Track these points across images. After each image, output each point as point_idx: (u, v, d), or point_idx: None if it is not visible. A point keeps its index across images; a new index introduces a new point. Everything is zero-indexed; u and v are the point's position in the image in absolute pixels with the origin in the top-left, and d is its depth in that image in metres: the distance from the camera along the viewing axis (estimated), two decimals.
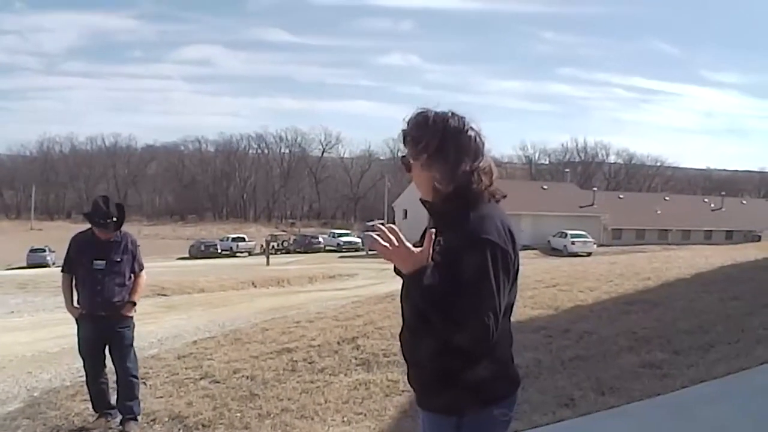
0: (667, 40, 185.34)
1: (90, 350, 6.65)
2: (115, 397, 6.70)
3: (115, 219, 6.56)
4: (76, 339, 6.73)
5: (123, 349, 6.59)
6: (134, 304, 6.63)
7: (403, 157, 2.79)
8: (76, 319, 6.63)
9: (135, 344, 6.88)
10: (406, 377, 2.93)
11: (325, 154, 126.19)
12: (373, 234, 2.52)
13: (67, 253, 6.78)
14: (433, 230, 2.58)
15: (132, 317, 6.68)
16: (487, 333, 2.45)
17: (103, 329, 6.50)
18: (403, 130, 2.76)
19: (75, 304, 6.62)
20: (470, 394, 2.64)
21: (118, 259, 6.55)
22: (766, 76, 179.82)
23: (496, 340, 2.54)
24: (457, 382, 2.63)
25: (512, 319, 2.76)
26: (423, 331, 2.60)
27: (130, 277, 6.64)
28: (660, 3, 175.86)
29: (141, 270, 6.78)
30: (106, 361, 6.69)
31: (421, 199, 2.80)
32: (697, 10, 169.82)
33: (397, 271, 2.61)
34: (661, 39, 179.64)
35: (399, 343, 2.90)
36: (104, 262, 6.48)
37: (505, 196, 2.74)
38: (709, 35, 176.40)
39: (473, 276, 2.46)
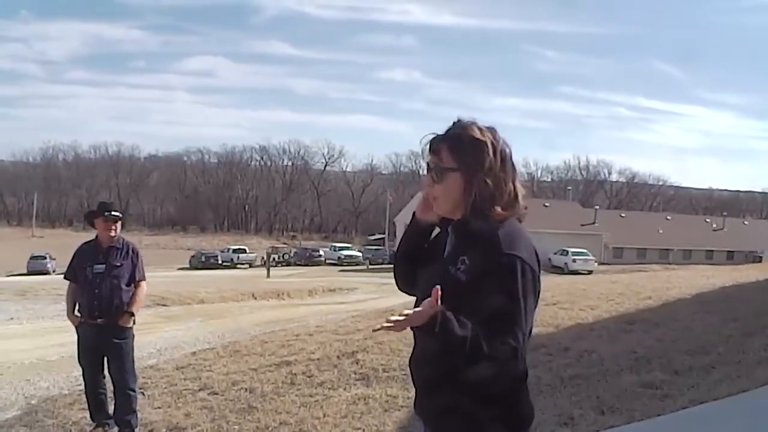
0: (668, 60, 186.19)
1: (89, 360, 6.65)
2: (113, 408, 6.68)
3: (119, 213, 6.65)
4: (75, 347, 6.73)
5: (121, 362, 6.57)
6: (132, 314, 6.60)
7: (439, 166, 2.57)
8: (76, 328, 6.63)
9: (134, 354, 6.88)
10: (413, 405, 2.80)
11: (327, 168, 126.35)
12: (386, 326, 2.30)
13: (71, 261, 6.81)
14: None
15: (131, 329, 6.65)
16: (515, 355, 2.35)
17: (102, 340, 6.49)
18: (449, 138, 2.57)
19: (76, 312, 6.63)
20: (482, 425, 2.50)
21: (118, 264, 6.56)
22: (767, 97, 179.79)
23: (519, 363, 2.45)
24: (469, 412, 2.48)
25: None
26: (436, 359, 2.45)
27: (130, 284, 6.62)
28: (660, 23, 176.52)
29: (141, 280, 6.77)
30: (105, 372, 6.68)
31: (443, 218, 2.64)
32: (698, 30, 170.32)
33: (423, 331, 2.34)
34: (661, 59, 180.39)
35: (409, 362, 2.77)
36: (104, 266, 6.51)
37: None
38: (710, 56, 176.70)
39: (502, 297, 2.34)
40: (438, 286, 2.26)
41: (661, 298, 12.94)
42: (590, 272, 49.60)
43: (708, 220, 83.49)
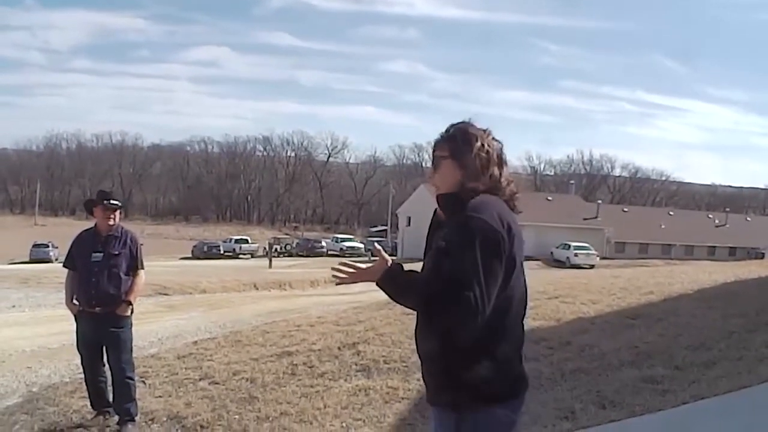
0: (670, 55, 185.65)
1: (87, 349, 6.65)
2: (112, 396, 6.69)
3: (119, 202, 6.66)
4: (75, 336, 6.74)
5: (119, 351, 6.55)
6: (130, 303, 6.58)
7: (436, 157, 3.02)
8: (75, 316, 6.64)
9: (135, 343, 6.90)
10: (421, 376, 3.07)
11: (330, 159, 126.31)
12: (336, 274, 2.89)
13: (70, 249, 6.81)
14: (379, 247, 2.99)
15: (129, 317, 6.63)
16: (472, 306, 2.58)
17: (100, 329, 6.48)
18: (445, 135, 3.02)
19: (74, 301, 6.63)
20: (469, 393, 2.76)
21: (116, 252, 6.54)
22: None
23: (498, 339, 2.76)
24: (458, 380, 2.77)
25: None
26: (427, 328, 2.85)
27: (128, 273, 6.60)
28: (663, 18, 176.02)
29: (140, 269, 6.76)
30: (105, 360, 6.68)
31: (439, 194, 3.02)
32: (701, 26, 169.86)
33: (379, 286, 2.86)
34: (664, 54, 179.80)
35: (414, 342, 3.08)
36: (101, 254, 6.50)
37: (520, 212, 3.02)
38: (713, 51, 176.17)
39: (458, 249, 2.67)
40: (377, 245, 2.89)
41: (663, 293, 12.92)
42: (592, 266, 49.56)
43: (710, 216, 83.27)
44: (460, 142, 2.95)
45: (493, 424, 2.79)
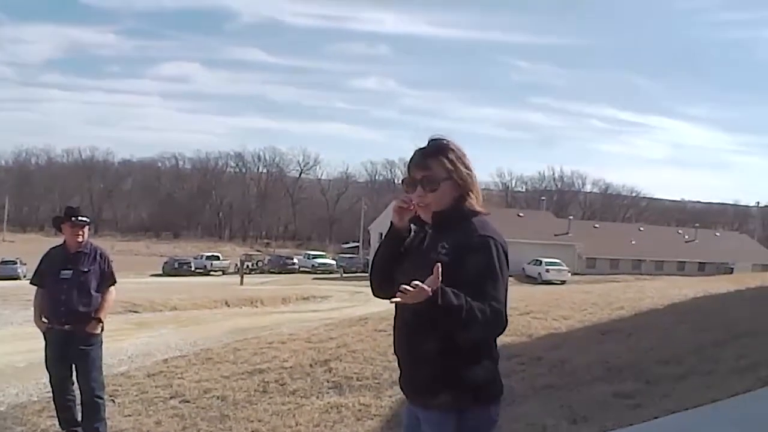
0: (640, 72, 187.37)
1: (56, 367, 6.54)
2: (81, 415, 6.58)
3: (87, 218, 6.58)
4: (44, 354, 6.63)
5: (88, 369, 6.45)
6: (100, 321, 6.49)
7: (433, 178, 2.99)
8: (44, 334, 6.54)
9: (104, 361, 6.80)
10: (402, 383, 3.10)
11: (302, 176, 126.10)
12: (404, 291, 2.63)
13: (38, 266, 6.74)
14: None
15: (99, 335, 6.54)
16: (503, 319, 2.78)
17: (69, 347, 6.39)
18: (436, 152, 3.02)
19: (43, 319, 6.54)
20: (471, 393, 2.86)
21: (86, 270, 6.47)
22: (739, 111, 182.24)
23: (494, 341, 2.95)
24: (459, 381, 2.84)
25: None
26: (427, 330, 2.81)
27: (98, 290, 6.52)
28: (633, 36, 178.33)
29: (111, 285, 6.68)
30: (74, 378, 6.58)
31: (418, 220, 3.05)
32: (671, 43, 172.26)
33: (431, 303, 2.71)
34: (634, 71, 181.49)
35: (393, 345, 3.10)
36: (71, 272, 6.43)
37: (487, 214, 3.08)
38: (683, 69, 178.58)
39: (482, 269, 2.80)
40: (439, 264, 2.63)
41: (634, 308, 13.01)
42: (563, 282, 49.85)
43: (680, 231, 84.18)
44: (455, 160, 3.01)
45: (489, 423, 2.94)
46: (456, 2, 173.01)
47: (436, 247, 2.90)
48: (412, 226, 3.04)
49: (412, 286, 2.56)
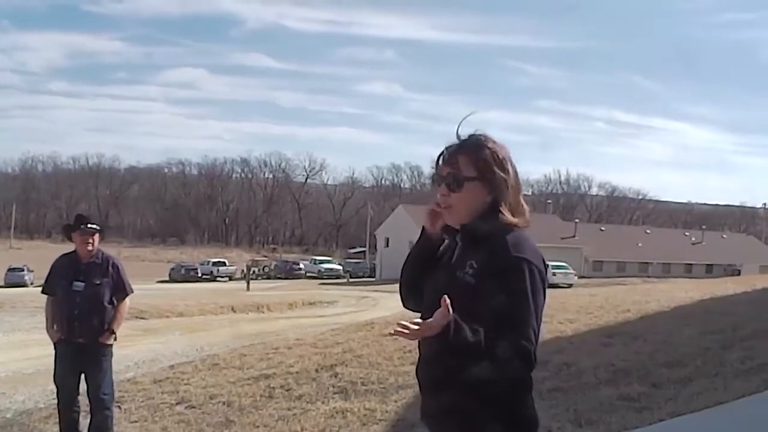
0: (646, 74, 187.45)
1: (65, 378, 6.43)
2: (87, 425, 6.47)
3: (98, 226, 6.51)
4: (51, 360, 6.55)
5: (99, 380, 6.37)
6: (113, 332, 6.40)
7: (457, 176, 2.61)
8: (55, 345, 6.47)
9: (112, 373, 6.74)
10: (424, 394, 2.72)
11: (308, 181, 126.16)
12: (400, 331, 2.23)
13: (49, 274, 6.66)
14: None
15: (111, 346, 6.46)
16: (531, 361, 2.40)
17: (80, 357, 6.30)
18: (467, 148, 2.64)
19: (55, 327, 6.47)
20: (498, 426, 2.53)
21: (98, 282, 6.36)
22: (744, 112, 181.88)
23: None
24: (482, 414, 2.50)
25: None
26: (450, 359, 2.39)
27: (111, 302, 6.42)
28: (638, 38, 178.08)
29: (126, 296, 6.59)
30: (80, 389, 6.49)
31: (450, 228, 2.67)
32: (676, 45, 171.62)
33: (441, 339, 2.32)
34: (640, 74, 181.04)
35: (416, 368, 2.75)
36: (83, 284, 6.31)
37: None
38: (688, 71, 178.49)
39: (511, 298, 2.39)
40: (446, 296, 2.24)
41: (639, 311, 12.99)
42: (570, 285, 49.67)
43: (687, 233, 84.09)
44: (489, 159, 2.60)
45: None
46: (459, 7, 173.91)
47: (464, 264, 2.52)
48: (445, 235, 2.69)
49: (413, 323, 2.21)
